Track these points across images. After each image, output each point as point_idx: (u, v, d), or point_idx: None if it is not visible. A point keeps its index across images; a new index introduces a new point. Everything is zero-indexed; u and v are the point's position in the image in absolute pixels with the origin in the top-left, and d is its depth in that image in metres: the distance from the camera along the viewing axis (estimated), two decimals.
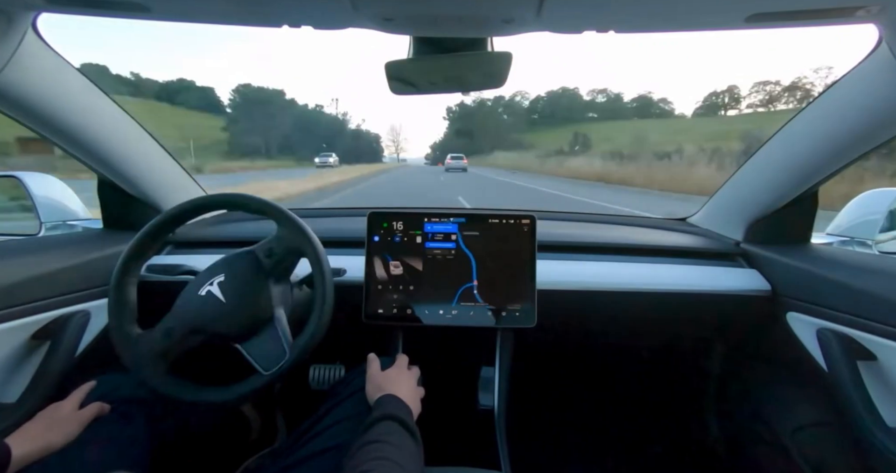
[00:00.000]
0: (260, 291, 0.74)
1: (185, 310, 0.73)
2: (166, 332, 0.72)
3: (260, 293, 0.74)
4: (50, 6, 0.63)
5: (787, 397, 0.99)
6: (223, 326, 0.72)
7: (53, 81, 0.80)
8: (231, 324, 0.72)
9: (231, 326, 0.72)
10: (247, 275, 0.75)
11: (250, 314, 0.73)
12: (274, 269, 0.77)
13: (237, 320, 0.72)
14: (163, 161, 1.10)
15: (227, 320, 0.72)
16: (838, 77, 0.79)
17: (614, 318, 1.07)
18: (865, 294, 0.77)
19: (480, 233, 0.95)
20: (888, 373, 0.75)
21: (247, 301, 0.73)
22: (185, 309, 0.73)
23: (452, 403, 0.94)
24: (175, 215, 0.80)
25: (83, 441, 0.65)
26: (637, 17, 0.61)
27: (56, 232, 1.25)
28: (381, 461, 0.53)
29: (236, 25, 0.66)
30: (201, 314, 0.72)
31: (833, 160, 0.85)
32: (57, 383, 0.80)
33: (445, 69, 0.75)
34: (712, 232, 1.18)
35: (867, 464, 0.75)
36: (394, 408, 0.64)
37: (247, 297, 0.73)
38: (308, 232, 0.76)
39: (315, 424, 0.72)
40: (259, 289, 0.74)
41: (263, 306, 0.74)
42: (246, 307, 0.73)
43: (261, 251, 0.77)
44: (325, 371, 1.03)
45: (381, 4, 0.55)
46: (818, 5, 0.54)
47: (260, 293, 0.74)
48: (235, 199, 0.81)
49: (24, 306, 0.79)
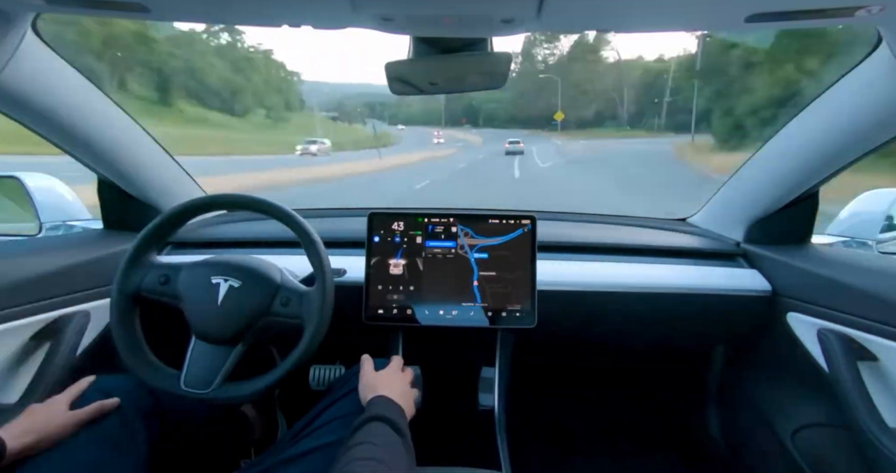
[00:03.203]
0: (249, 321, 0.74)
1: (190, 280, 0.76)
2: (163, 278, 0.76)
3: (247, 322, 0.74)
4: (50, 6, 0.63)
5: (788, 397, 0.99)
6: (198, 318, 0.74)
7: (53, 81, 0.80)
8: (204, 322, 0.74)
9: (202, 323, 0.74)
10: (254, 301, 0.75)
11: (224, 330, 0.74)
12: (276, 315, 0.76)
13: (212, 324, 0.74)
14: (162, 161, 1.10)
15: (205, 317, 0.74)
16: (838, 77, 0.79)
17: (614, 318, 1.07)
18: (866, 295, 0.76)
19: (480, 233, 0.95)
20: (889, 373, 0.75)
21: (232, 319, 0.74)
22: (189, 278, 0.76)
23: (452, 403, 0.94)
24: (175, 216, 0.80)
25: (82, 440, 0.65)
26: (637, 17, 0.60)
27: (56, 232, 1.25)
28: (367, 462, 0.53)
29: (236, 25, 0.66)
30: (195, 295, 0.75)
31: (833, 160, 0.85)
32: (57, 383, 0.80)
33: (445, 69, 0.75)
34: (712, 232, 1.18)
35: (867, 464, 0.75)
36: (384, 409, 0.64)
37: (236, 315, 0.74)
38: (310, 231, 0.77)
39: (310, 422, 0.73)
40: (250, 319, 0.75)
41: (237, 333, 0.74)
42: (228, 322, 0.74)
43: (282, 293, 0.76)
44: (325, 371, 1.03)
45: (381, 4, 0.55)
46: (818, 5, 0.54)
47: (247, 322, 0.74)
48: (236, 199, 0.81)
49: (25, 306, 0.79)
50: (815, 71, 12.06)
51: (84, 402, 0.69)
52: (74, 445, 0.65)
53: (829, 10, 0.55)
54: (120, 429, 0.69)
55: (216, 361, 0.73)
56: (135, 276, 0.75)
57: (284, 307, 0.75)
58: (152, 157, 1.07)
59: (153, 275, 0.76)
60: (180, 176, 1.17)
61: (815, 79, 12.11)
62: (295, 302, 0.75)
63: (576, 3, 0.55)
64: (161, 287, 0.75)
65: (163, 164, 1.11)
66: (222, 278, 0.75)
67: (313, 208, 1.41)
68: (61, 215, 1.28)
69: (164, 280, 0.76)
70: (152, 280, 0.76)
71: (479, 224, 0.95)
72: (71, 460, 0.63)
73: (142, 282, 0.75)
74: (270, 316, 0.75)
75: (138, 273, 0.76)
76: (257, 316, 0.74)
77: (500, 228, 0.95)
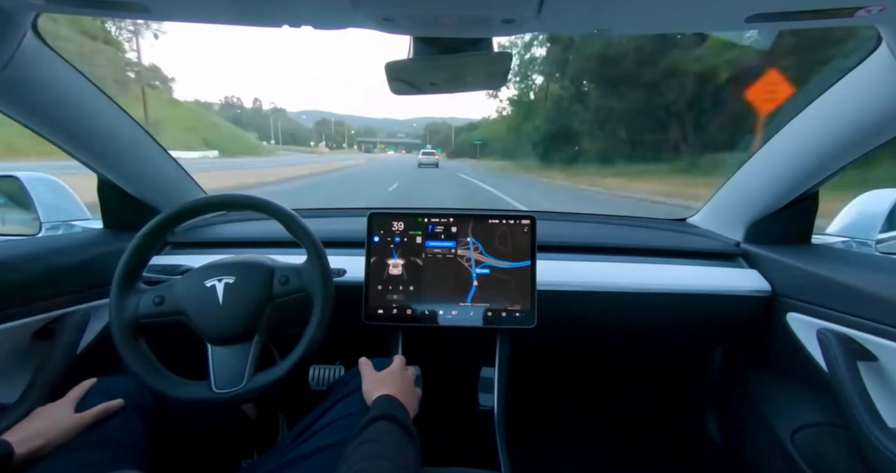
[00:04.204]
0: (256, 311, 0.74)
1: (184, 291, 0.75)
2: (158, 299, 0.74)
3: (254, 313, 0.74)
4: (50, 6, 0.63)
5: (787, 397, 0.99)
6: (207, 324, 0.73)
7: (53, 81, 0.80)
8: (214, 326, 0.74)
9: (212, 327, 0.74)
10: (254, 291, 0.75)
11: (235, 327, 0.74)
12: (279, 296, 0.76)
13: (222, 325, 0.74)
14: (162, 161, 1.10)
15: (213, 321, 0.73)
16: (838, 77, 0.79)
17: (614, 319, 1.07)
18: (866, 295, 0.76)
19: (480, 233, 0.95)
20: (888, 373, 0.75)
21: (239, 315, 0.74)
22: (184, 289, 0.75)
23: (452, 403, 0.94)
24: (175, 216, 0.80)
25: (83, 441, 0.65)
26: (637, 17, 0.61)
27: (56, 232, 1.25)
28: (377, 460, 0.53)
29: (236, 25, 0.66)
30: (195, 303, 0.74)
31: (833, 161, 0.85)
32: (57, 383, 0.80)
33: (445, 69, 0.75)
34: (712, 232, 1.18)
35: (867, 465, 0.75)
36: (389, 408, 0.64)
37: (242, 309, 0.74)
38: (309, 231, 0.77)
39: (312, 424, 0.73)
40: (257, 309, 0.75)
41: (249, 326, 0.74)
42: (236, 319, 0.74)
43: (278, 274, 0.77)
44: (325, 372, 1.03)
45: (381, 4, 0.55)
46: (818, 5, 0.54)
47: (254, 313, 0.74)
48: (236, 199, 0.81)
49: (25, 306, 0.79)
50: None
51: (86, 404, 0.69)
52: (79, 447, 0.65)
53: (829, 10, 0.55)
54: (123, 430, 0.69)
55: (239, 360, 0.73)
56: (128, 305, 0.74)
57: (285, 286, 0.75)
58: (152, 157, 1.07)
59: (146, 300, 0.75)
60: (180, 176, 1.16)
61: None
62: (294, 277, 0.76)
63: (576, 3, 0.55)
64: (158, 308, 0.74)
65: (163, 163, 1.10)
66: (216, 279, 0.75)
67: (313, 208, 1.42)
68: (61, 215, 1.28)
69: (158, 301, 0.74)
70: (147, 305, 0.74)
71: (478, 224, 0.95)
72: (76, 462, 0.63)
73: (137, 309, 0.74)
74: (275, 299, 0.75)
75: (131, 301, 0.74)
76: (262, 303, 0.74)
77: (500, 227, 0.95)
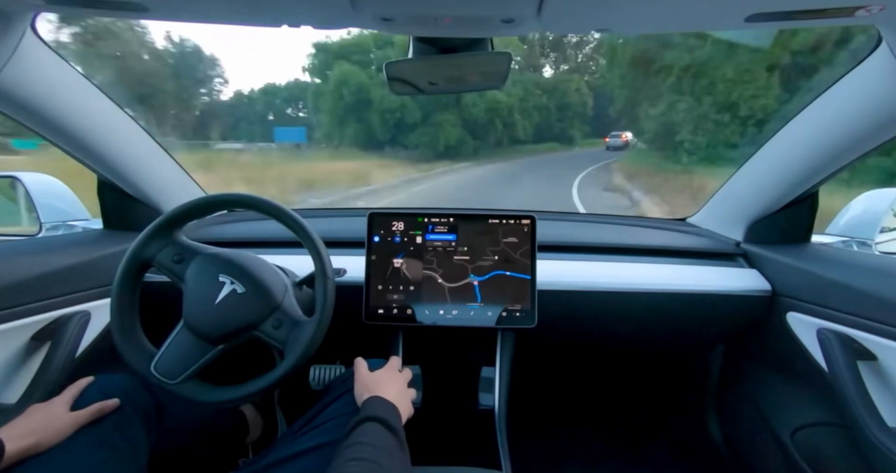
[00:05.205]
0: (236, 328, 0.74)
1: (200, 269, 0.75)
2: (178, 257, 0.76)
3: (233, 329, 0.74)
4: (49, 6, 0.63)
5: (787, 397, 0.99)
6: (191, 308, 0.73)
7: (52, 81, 0.79)
8: (196, 314, 0.73)
9: (193, 314, 0.73)
10: (249, 312, 0.74)
11: (211, 328, 0.73)
12: (261, 334, 0.75)
13: (201, 319, 0.73)
14: (163, 161, 1.10)
15: (199, 311, 0.73)
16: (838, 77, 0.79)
17: (614, 318, 1.07)
18: (865, 294, 0.77)
19: (480, 233, 0.95)
20: (888, 373, 0.75)
21: (222, 321, 0.73)
22: (200, 268, 0.75)
23: (453, 403, 0.95)
24: (177, 216, 0.80)
25: (82, 441, 0.65)
26: (637, 17, 0.61)
27: (56, 232, 1.25)
28: (360, 462, 0.53)
29: (236, 25, 0.66)
30: (198, 285, 0.74)
31: (833, 160, 0.85)
32: (57, 383, 0.80)
33: (445, 69, 0.75)
34: (712, 232, 1.18)
35: (867, 464, 0.75)
36: (378, 410, 0.64)
37: (228, 320, 0.73)
38: (310, 231, 0.76)
39: (308, 422, 0.73)
40: (238, 328, 0.74)
41: (219, 336, 0.73)
42: (216, 323, 0.73)
43: (277, 315, 0.75)
44: (325, 371, 1.03)
45: (381, 4, 0.55)
46: (818, 5, 0.54)
47: (233, 329, 0.74)
48: (237, 199, 0.81)
49: (25, 306, 0.79)
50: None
51: (83, 403, 0.69)
52: (74, 446, 0.64)
53: (829, 10, 0.55)
54: (119, 430, 0.69)
55: (192, 355, 0.73)
56: (154, 245, 0.76)
57: (274, 330, 0.74)
58: (152, 157, 1.07)
59: (170, 250, 0.77)
60: (180, 176, 1.16)
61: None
62: (286, 328, 0.74)
63: (576, 3, 0.55)
64: (172, 264, 0.76)
65: (163, 164, 1.10)
66: (229, 279, 0.74)
67: (313, 208, 1.42)
68: (61, 215, 1.28)
69: (178, 259, 0.76)
70: (168, 255, 0.76)
71: (479, 224, 0.95)
72: (70, 461, 0.63)
73: (158, 253, 0.76)
74: (258, 333, 0.74)
75: (158, 244, 0.76)
76: (246, 328, 0.73)
77: (500, 227, 0.95)
